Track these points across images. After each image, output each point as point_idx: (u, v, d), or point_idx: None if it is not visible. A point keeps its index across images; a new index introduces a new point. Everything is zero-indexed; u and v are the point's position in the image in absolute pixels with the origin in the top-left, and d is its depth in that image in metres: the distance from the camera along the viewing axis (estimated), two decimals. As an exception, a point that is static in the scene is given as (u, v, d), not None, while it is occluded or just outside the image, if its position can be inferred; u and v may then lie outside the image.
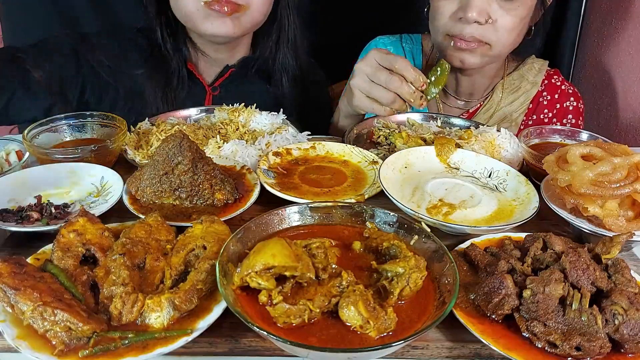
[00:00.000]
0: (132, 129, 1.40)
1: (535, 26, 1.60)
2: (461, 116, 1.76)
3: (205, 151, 1.15)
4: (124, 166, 1.25)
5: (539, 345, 0.77)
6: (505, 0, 1.45)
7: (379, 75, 1.34)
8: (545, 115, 1.75)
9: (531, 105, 1.74)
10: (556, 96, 1.74)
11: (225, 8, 1.46)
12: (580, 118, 1.76)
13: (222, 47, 1.66)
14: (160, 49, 1.62)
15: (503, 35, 1.49)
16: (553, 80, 1.76)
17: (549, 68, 1.77)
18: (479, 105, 1.77)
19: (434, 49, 1.78)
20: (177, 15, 1.56)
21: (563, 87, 1.75)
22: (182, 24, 1.59)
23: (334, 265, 0.84)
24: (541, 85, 1.74)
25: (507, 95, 1.74)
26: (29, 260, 0.88)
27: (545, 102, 1.75)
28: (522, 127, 1.75)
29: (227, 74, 1.71)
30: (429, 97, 1.41)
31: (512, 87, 1.74)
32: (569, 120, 1.74)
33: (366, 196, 1.15)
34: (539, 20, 1.61)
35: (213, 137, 1.35)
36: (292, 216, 0.95)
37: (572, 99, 1.75)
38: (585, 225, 1.02)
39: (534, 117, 1.75)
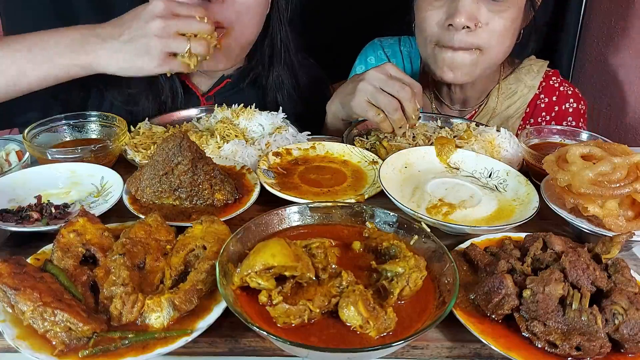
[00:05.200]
0: (132, 129, 1.40)
1: (525, 30, 1.55)
2: None
3: (205, 151, 1.15)
4: (124, 166, 1.25)
5: (539, 345, 0.77)
6: (494, 1, 1.40)
7: (392, 84, 1.33)
8: (543, 119, 1.70)
9: (528, 110, 1.69)
10: (554, 98, 1.68)
11: None
12: (582, 120, 1.70)
13: None
14: None
15: (495, 39, 1.44)
16: (551, 82, 1.69)
17: (548, 69, 1.70)
18: (473, 112, 1.72)
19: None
20: None
21: (562, 88, 1.69)
22: None
23: (333, 265, 0.84)
24: (538, 88, 1.68)
25: (502, 100, 1.68)
26: (29, 260, 0.88)
27: (542, 105, 1.69)
28: (519, 132, 1.71)
29: (223, 83, 1.66)
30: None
31: (508, 92, 1.68)
32: (569, 123, 1.68)
33: (366, 196, 1.15)
34: (529, 24, 1.56)
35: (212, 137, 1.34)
36: (292, 216, 0.95)
37: (571, 100, 1.68)
38: (585, 225, 1.02)
39: (532, 120, 1.70)
